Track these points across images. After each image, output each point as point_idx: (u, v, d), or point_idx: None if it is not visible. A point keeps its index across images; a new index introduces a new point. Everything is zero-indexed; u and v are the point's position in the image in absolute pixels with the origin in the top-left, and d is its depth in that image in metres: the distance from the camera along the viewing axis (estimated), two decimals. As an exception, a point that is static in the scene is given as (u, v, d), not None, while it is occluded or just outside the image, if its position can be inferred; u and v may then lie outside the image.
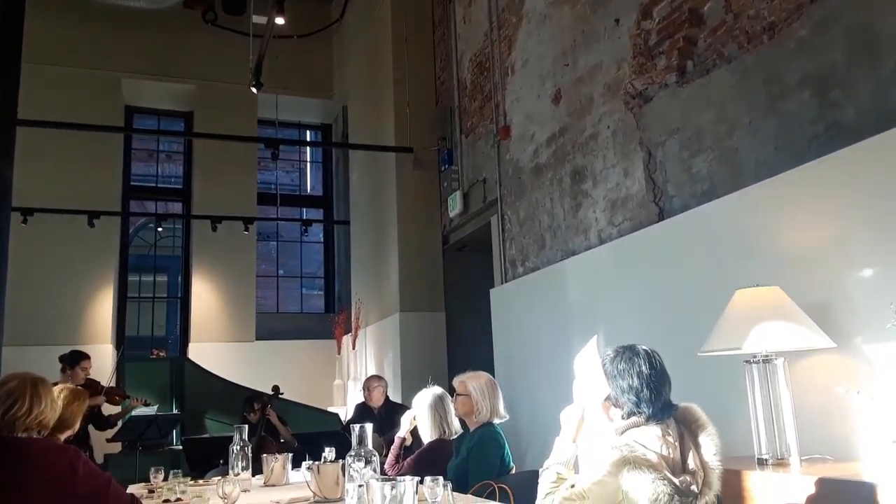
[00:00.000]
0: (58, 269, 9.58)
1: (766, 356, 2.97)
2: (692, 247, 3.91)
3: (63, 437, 3.02)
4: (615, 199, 4.80)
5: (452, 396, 3.58)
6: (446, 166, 7.59)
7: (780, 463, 2.87)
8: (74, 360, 5.60)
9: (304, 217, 12.18)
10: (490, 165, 6.67)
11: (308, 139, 12.72)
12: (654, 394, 2.15)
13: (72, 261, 9.66)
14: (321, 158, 12.65)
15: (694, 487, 2.03)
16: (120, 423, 6.26)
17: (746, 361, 3.03)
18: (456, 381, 3.55)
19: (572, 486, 2.12)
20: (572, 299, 5.13)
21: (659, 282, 4.16)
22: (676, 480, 2.01)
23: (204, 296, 10.62)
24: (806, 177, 3.21)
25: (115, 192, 10.35)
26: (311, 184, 13.00)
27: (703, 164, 4.03)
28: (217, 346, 10.31)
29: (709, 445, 2.14)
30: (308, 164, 13.02)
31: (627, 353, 2.23)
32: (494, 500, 2.67)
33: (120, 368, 7.46)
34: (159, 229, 11.24)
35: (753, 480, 2.72)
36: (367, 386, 6.31)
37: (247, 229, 10.33)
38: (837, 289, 3.02)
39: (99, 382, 5.84)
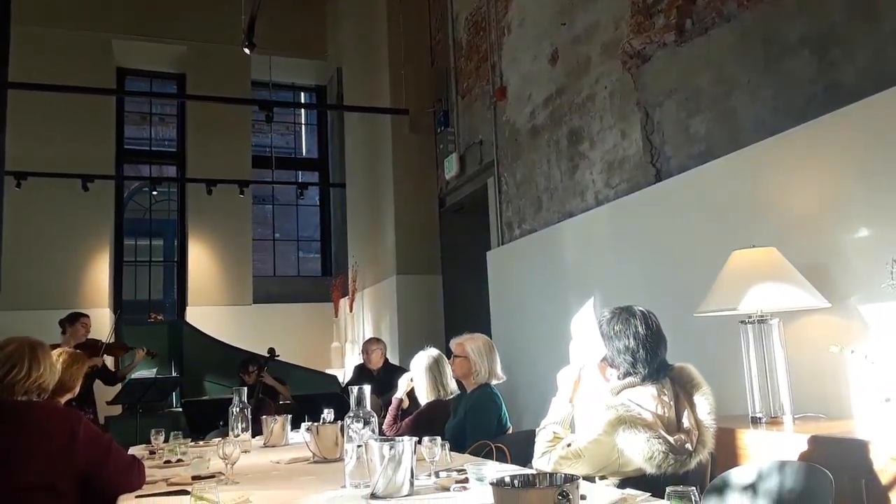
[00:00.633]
0: (53, 234, 9.56)
1: (762, 316, 2.99)
2: (689, 208, 3.91)
3: (63, 399, 3.04)
4: (612, 160, 4.77)
5: (450, 358, 3.60)
6: (442, 128, 7.54)
7: (774, 421, 2.91)
8: (74, 318, 5.67)
9: (300, 180, 12.12)
10: (486, 127, 6.62)
11: (302, 101, 12.59)
12: (649, 354, 2.16)
13: (67, 225, 9.63)
14: (316, 121, 12.55)
15: (688, 446, 2.06)
16: (129, 377, 6.35)
17: (742, 322, 3.06)
18: (453, 343, 3.57)
19: (568, 446, 2.15)
20: (569, 261, 5.14)
21: (656, 243, 4.16)
22: (671, 439, 2.04)
23: (200, 259, 10.62)
24: (804, 137, 3.20)
25: (108, 155, 10.29)
26: (306, 147, 12.91)
27: (701, 124, 4.00)
28: (214, 309, 10.34)
29: (703, 405, 2.16)
30: (303, 127, 12.91)
31: (624, 314, 2.24)
32: (492, 459, 2.71)
33: (118, 331, 7.48)
34: (154, 193, 11.19)
35: (747, 438, 2.76)
36: (366, 348, 6.35)
37: (242, 193, 10.29)
38: (833, 249, 3.03)
39: (99, 340, 5.90)
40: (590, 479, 2.08)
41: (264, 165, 11.18)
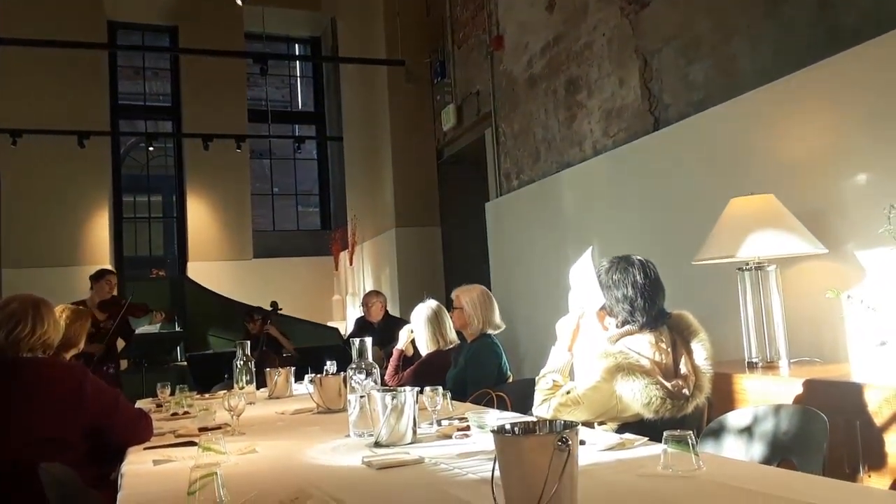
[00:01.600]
0: (52, 191, 9.52)
1: (759, 263, 3.01)
2: (688, 156, 3.89)
3: (69, 355, 3.07)
4: (610, 109, 4.74)
5: (450, 309, 3.64)
6: (439, 79, 7.45)
7: (770, 366, 2.95)
8: (100, 275, 5.77)
9: (297, 134, 12.02)
10: (483, 77, 6.54)
11: (297, 53, 12.41)
12: (647, 303, 2.18)
13: (65, 182, 9.59)
14: (312, 73, 12.39)
15: (685, 391, 2.10)
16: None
17: (739, 269, 3.08)
18: (454, 294, 3.61)
19: (568, 393, 2.18)
20: (567, 211, 5.14)
21: (654, 192, 4.16)
22: (668, 385, 2.07)
23: (200, 215, 10.60)
24: (803, 82, 3.17)
25: (103, 111, 10.18)
26: (302, 100, 12.77)
27: (700, 71, 3.96)
28: (215, 264, 10.37)
29: (700, 351, 2.19)
30: (298, 80, 12.75)
31: (622, 263, 2.25)
32: (492, 407, 2.75)
33: (120, 288, 7.52)
34: (150, 149, 11.11)
35: (743, 383, 2.80)
36: (366, 302, 6.39)
37: (239, 147, 10.21)
38: (832, 195, 3.03)
39: (123, 298, 5.96)
40: (589, 424, 2.12)
41: (261, 119, 11.08)
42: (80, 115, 9.54)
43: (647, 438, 1.83)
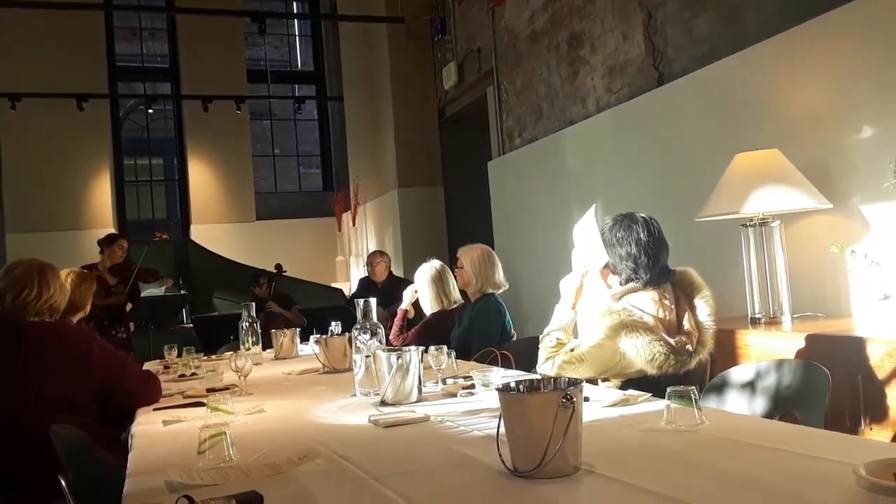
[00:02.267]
0: (52, 155, 9.50)
1: (763, 219, 3.00)
2: (692, 112, 3.85)
3: (76, 318, 3.09)
4: (613, 64, 4.67)
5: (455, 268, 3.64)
6: (439, 36, 7.34)
7: (773, 321, 2.96)
8: (111, 240, 5.79)
9: (297, 94, 11.92)
10: (485, 34, 6.45)
11: (295, 11, 12.23)
12: (651, 260, 2.18)
13: (65, 146, 9.56)
14: (311, 32, 12.22)
15: (689, 347, 2.11)
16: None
17: (743, 225, 3.07)
18: (458, 254, 3.61)
19: (571, 351, 2.20)
20: (570, 169, 5.11)
21: (658, 148, 4.13)
22: (672, 341, 2.08)
23: (201, 177, 10.57)
24: (809, 34, 3.11)
25: (101, 73, 10.08)
26: (301, 59, 12.62)
27: (705, 25, 3.89)
28: (218, 227, 10.38)
29: (703, 307, 2.20)
30: (297, 39, 12.59)
31: (626, 220, 2.24)
32: (497, 365, 2.77)
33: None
34: (150, 111, 11.03)
35: (746, 338, 2.81)
36: (370, 261, 6.41)
37: (239, 108, 10.15)
38: (837, 149, 3.00)
39: (134, 263, 5.98)
40: (592, 381, 2.14)
41: (260, 80, 10.97)
42: (79, 77, 9.46)
43: (650, 394, 1.85)
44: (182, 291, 8.45)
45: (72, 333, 2.39)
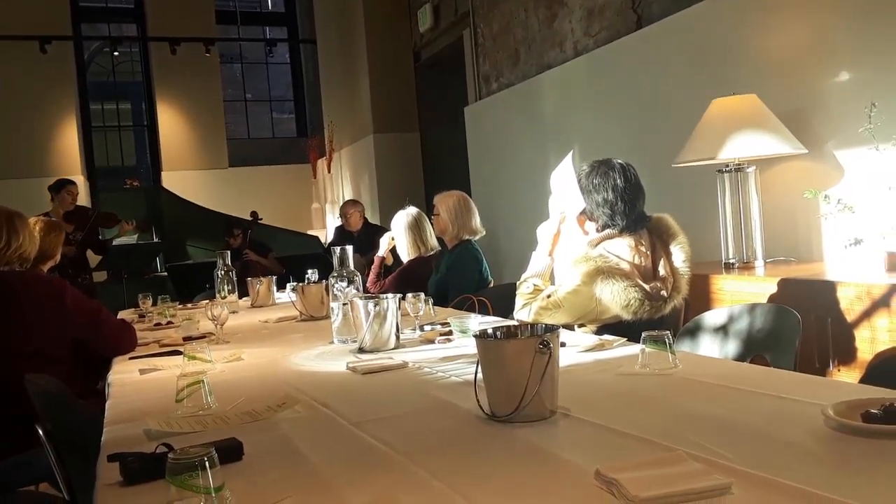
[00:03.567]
0: (16, 100, 9.20)
1: (739, 165, 3.01)
2: (670, 56, 3.82)
3: (46, 267, 3.04)
4: (592, 7, 4.60)
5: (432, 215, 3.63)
6: (414, -24, 7.16)
7: (746, 266, 3.01)
8: (60, 185, 5.67)
9: (268, 37, 11.62)
10: (461, -26, 6.30)
11: (265, -50, 11.84)
12: (628, 206, 2.18)
13: (29, 91, 9.26)
14: (281, -29, 11.86)
15: (664, 293, 2.13)
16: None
17: (719, 171, 3.08)
18: (434, 200, 3.59)
19: (548, 297, 2.21)
20: (548, 114, 5.08)
21: (636, 93, 4.10)
22: (647, 287, 2.10)
23: (171, 123, 10.34)
24: (790, -23, 3.08)
25: (63, 14, 9.72)
26: (271, 0, 12.28)
27: (685, -34, 3.83)
28: (190, 174, 10.21)
29: (679, 253, 2.22)
30: (267, -22, 12.23)
31: (602, 167, 2.24)
32: (474, 312, 2.79)
33: (94, 199, 7.41)
34: (115, 53, 10.71)
35: (720, 283, 2.85)
36: (343, 212, 6.36)
37: (208, 51, 9.88)
38: (813, 94, 3.00)
39: (88, 208, 5.87)
40: (569, 327, 2.16)
41: (230, 21, 10.66)
42: (41, 18, 9.11)
43: (625, 339, 1.87)
44: (155, 239, 8.35)
45: (43, 283, 2.36)
